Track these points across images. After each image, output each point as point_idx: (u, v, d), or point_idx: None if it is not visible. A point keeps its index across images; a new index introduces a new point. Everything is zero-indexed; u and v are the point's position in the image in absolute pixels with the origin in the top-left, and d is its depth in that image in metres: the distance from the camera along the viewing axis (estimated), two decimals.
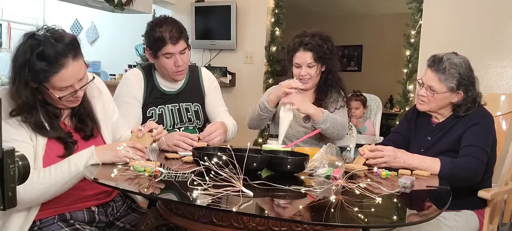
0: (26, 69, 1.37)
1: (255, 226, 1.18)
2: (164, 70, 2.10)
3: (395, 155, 1.74)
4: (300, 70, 2.24)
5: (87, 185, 1.49)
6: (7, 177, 0.75)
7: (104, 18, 5.42)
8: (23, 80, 1.38)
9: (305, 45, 2.21)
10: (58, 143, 1.48)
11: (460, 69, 1.83)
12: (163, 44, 2.01)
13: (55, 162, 1.44)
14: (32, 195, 1.37)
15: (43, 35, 1.38)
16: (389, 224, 1.28)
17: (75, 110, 1.56)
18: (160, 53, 2.03)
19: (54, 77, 1.39)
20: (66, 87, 1.43)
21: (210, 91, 2.29)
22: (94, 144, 1.54)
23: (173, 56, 2.04)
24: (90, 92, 1.62)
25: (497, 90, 3.53)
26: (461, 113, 1.89)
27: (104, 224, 1.61)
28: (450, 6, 3.70)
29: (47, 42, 1.37)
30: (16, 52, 1.40)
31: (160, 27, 2.02)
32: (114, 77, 4.90)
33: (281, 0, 4.51)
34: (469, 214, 1.89)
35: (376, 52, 7.56)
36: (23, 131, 1.42)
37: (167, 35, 2.00)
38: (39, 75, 1.38)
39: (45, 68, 1.37)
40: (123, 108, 2.05)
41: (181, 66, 2.07)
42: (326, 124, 2.14)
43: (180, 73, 2.11)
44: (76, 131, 1.57)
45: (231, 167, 1.28)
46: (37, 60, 1.36)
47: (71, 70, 1.41)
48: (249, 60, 4.61)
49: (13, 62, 1.41)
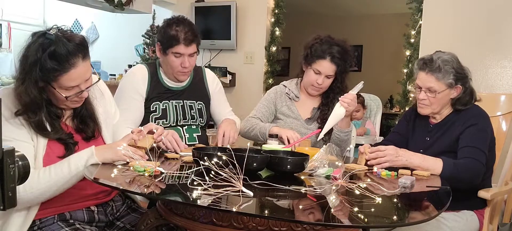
0: (37, 68, 1.37)
1: (255, 226, 1.18)
2: (169, 68, 2.12)
3: (397, 154, 1.74)
4: (318, 78, 2.20)
5: (86, 184, 1.49)
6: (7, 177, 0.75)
7: (104, 18, 5.42)
8: (33, 79, 1.39)
9: (333, 58, 2.16)
10: (58, 143, 1.49)
11: (453, 64, 1.85)
12: (176, 43, 2.03)
13: (55, 162, 1.44)
14: (32, 195, 1.37)
15: (55, 34, 1.40)
16: (389, 224, 1.28)
17: (77, 111, 1.57)
18: (170, 50, 2.05)
19: (64, 77, 1.40)
20: (72, 87, 1.44)
21: (216, 93, 2.31)
22: (95, 144, 1.55)
23: (182, 57, 2.06)
24: (93, 94, 1.63)
25: (497, 90, 3.53)
26: (461, 108, 1.89)
27: (104, 223, 1.61)
28: (450, 6, 3.70)
29: (59, 41, 1.38)
30: (25, 52, 1.40)
31: (177, 26, 2.04)
32: (114, 77, 4.90)
33: (281, 0, 4.51)
34: (469, 215, 1.89)
35: (376, 52, 7.55)
36: (25, 130, 1.42)
37: (182, 35, 2.03)
38: (50, 74, 1.39)
39: (56, 67, 1.38)
40: (126, 102, 2.06)
41: (187, 68, 2.08)
42: (348, 134, 2.16)
43: (184, 74, 2.13)
44: (77, 131, 1.57)
45: (231, 167, 1.28)
46: (49, 59, 1.37)
47: (80, 70, 1.42)
48: (249, 60, 4.61)
49: (22, 61, 1.41)
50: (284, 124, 2.29)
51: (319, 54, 2.18)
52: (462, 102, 1.89)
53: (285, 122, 2.29)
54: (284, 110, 2.31)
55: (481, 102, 1.96)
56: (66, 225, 1.47)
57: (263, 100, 2.37)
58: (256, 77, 4.56)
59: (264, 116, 2.32)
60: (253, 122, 2.26)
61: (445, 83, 1.84)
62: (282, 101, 2.33)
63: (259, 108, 2.34)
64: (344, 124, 2.14)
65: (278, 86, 2.41)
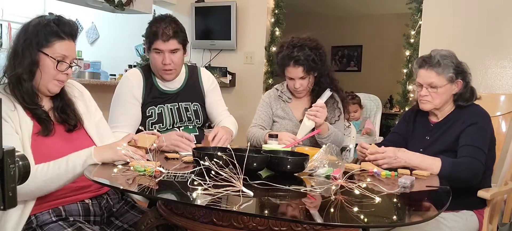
0: (37, 31, 1.50)
1: (255, 226, 1.18)
2: (153, 66, 2.14)
3: (395, 156, 1.75)
4: (294, 83, 2.26)
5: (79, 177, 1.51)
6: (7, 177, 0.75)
7: (104, 18, 5.42)
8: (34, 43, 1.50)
9: (296, 61, 2.20)
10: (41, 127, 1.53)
11: (451, 59, 1.87)
12: (154, 39, 2.06)
13: (43, 149, 1.47)
14: (28, 188, 1.39)
15: (55, 15, 1.57)
16: (389, 224, 1.29)
17: (56, 104, 1.61)
18: (152, 47, 2.09)
19: (59, 43, 1.52)
20: (63, 57, 1.53)
21: (210, 91, 2.30)
22: (78, 137, 1.61)
23: (162, 53, 2.06)
24: (71, 92, 1.68)
25: (496, 90, 3.53)
26: (463, 103, 1.90)
27: (100, 217, 1.61)
28: (450, 6, 3.70)
29: (61, 17, 1.58)
30: (26, 25, 1.54)
31: (158, 22, 2.07)
32: (114, 77, 4.89)
33: (281, 0, 4.51)
34: (468, 215, 1.89)
35: (376, 52, 7.55)
36: (8, 125, 1.44)
37: (160, 31, 2.05)
38: (47, 37, 1.51)
39: (57, 30, 1.52)
40: (123, 107, 2.07)
41: (167, 65, 2.08)
42: (328, 139, 2.19)
43: (167, 73, 2.12)
44: (60, 123, 1.60)
45: (231, 167, 1.28)
46: (52, 22, 1.53)
47: (72, 45, 1.57)
48: (249, 61, 4.61)
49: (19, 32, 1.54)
50: (279, 126, 2.33)
51: (284, 62, 2.25)
52: (464, 98, 1.90)
53: (280, 124, 2.34)
54: (279, 113, 2.36)
55: (481, 103, 1.96)
56: (67, 225, 1.47)
57: (260, 107, 2.41)
58: (256, 78, 4.56)
59: (264, 121, 2.36)
60: (253, 132, 2.31)
61: (445, 77, 1.85)
62: (277, 104, 2.38)
63: (258, 115, 2.38)
64: (323, 131, 2.16)
65: (271, 90, 2.45)
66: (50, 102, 1.61)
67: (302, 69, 2.20)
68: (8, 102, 1.48)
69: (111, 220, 1.66)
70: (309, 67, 2.20)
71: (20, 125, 1.47)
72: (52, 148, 1.51)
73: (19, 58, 1.49)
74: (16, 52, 1.50)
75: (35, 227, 1.47)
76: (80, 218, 1.54)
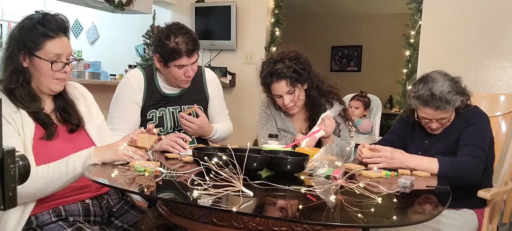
0: (25, 32, 1.49)
1: (255, 226, 1.18)
2: (171, 78, 2.07)
3: (392, 156, 1.75)
4: (283, 100, 2.09)
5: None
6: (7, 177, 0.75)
7: (104, 18, 5.42)
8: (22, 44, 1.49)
9: (277, 75, 2.05)
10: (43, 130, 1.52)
11: (452, 88, 1.81)
12: (178, 56, 1.97)
13: (44, 150, 1.47)
14: (29, 190, 1.39)
15: (41, 12, 1.55)
16: (389, 224, 1.28)
17: (58, 104, 1.60)
18: (172, 63, 1.99)
19: (50, 42, 1.50)
20: (58, 56, 1.51)
21: (214, 96, 2.27)
22: (79, 138, 1.60)
23: (185, 67, 2.01)
24: (73, 93, 1.68)
25: (496, 90, 3.53)
26: (464, 111, 1.90)
27: (100, 218, 1.61)
28: (449, 7, 3.70)
29: (46, 15, 1.54)
30: (13, 30, 1.53)
31: (175, 37, 1.96)
32: (114, 78, 4.89)
33: (281, 0, 4.51)
34: (468, 213, 1.89)
35: (376, 52, 7.56)
36: (11, 127, 1.44)
37: (184, 47, 1.96)
38: (36, 39, 1.49)
39: (44, 30, 1.50)
40: (122, 110, 2.05)
41: (191, 76, 2.06)
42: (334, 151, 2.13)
43: (187, 82, 2.09)
44: (62, 123, 1.59)
45: (231, 167, 1.28)
46: (38, 25, 1.50)
47: (64, 42, 1.54)
48: (249, 61, 4.61)
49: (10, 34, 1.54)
50: (280, 136, 2.18)
51: (266, 82, 2.12)
52: (463, 107, 1.90)
53: (281, 135, 2.21)
54: (279, 124, 2.23)
55: (480, 103, 1.97)
56: (67, 225, 1.47)
57: (263, 121, 2.24)
58: (256, 78, 4.54)
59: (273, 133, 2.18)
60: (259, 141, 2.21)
61: (453, 107, 1.84)
62: (277, 116, 2.24)
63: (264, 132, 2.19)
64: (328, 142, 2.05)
65: (266, 101, 2.27)
66: (52, 103, 1.61)
67: (286, 83, 2.05)
68: (11, 104, 1.48)
69: (111, 220, 1.66)
70: (292, 79, 2.05)
71: (22, 126, 1.46)
72: (54, 150, 1.51)
73: (8, 66, 1.50)
74: (5, 60, 1.51)
75: (35, 227, 1.47)
76: (80, 218, 1.54)
